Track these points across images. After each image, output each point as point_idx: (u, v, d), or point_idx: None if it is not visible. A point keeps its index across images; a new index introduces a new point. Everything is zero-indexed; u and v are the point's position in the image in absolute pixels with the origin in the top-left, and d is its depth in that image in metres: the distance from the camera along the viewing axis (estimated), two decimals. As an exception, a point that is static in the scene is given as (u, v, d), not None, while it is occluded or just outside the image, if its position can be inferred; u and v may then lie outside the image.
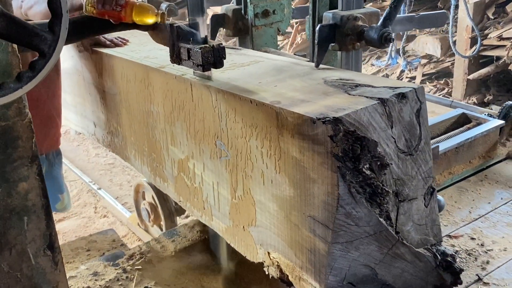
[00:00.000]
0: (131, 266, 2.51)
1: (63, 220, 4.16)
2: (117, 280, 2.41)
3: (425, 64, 6.42)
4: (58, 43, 1.22)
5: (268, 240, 1.68)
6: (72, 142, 5.55)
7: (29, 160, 1.44)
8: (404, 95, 1.45)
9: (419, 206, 1.53)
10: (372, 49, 7.26)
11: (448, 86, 5.94)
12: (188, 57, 1.66)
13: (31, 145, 1.44)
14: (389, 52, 5.34)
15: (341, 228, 1.40)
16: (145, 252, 2.63)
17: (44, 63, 1.21)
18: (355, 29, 1.73)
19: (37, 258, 1.51)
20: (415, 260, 1.53)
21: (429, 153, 1.53)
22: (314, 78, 1.69)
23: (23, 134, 1.42)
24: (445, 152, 2.74)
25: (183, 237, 2.75)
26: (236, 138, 1.67)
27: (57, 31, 1.21)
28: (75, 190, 4.62)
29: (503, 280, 2.09)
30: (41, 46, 1.21)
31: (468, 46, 5.52)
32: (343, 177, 1.34)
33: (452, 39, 4.78)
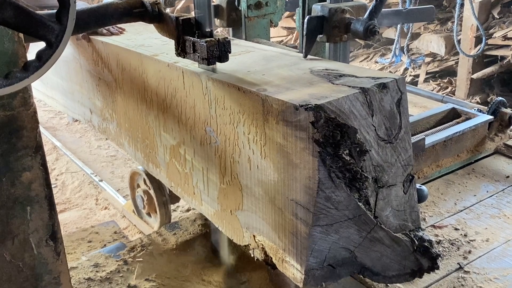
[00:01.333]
0: (132, 258, 2.53)
1: (64, 211, 4.18)
2: (118, 272, 2.43)
3: (429, 62, 6.40)
4: (65, 33, 1.22)
5: (254, 224, 1.74)
6: (74, 134, 5.55)
7: (33, 150, 1.44)
8: (385, 85, 1.51)
9: (398, 193, 1.59)
10: (376, 46, 7.25)
11: (452, 85, 5.92)
12: (193, 50, 1.67)
13: (36, 135, 1.44)
14: (393, 49, 5.31)
15: (321, 212, 1.46)
16: (146, 245, 2.64)
17: (51, 53, 1.21)
18: (342, 21, 1.79)
19: (39, 248, 1.51)
20: (393, 244, 1.59)
21: (409, 142, 1.58)
22: (301, 68, 1.74)
23: (27, 124, 1.42)
24: (433, 145, 2.80)
25: (184, 230, 2.77)
26: (225, 125, 1.73)
27: (64, 22, 1.21)
28: (77, 182, 4.63)
29: (483, 269, 2.15)
30: (48, 36, 1.20)
31: (472, 45, 5.49)
32: (324, 162, 1.40)
33: (457, 37, 4.76)
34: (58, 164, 4.99)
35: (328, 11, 1.79)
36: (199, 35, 1.67)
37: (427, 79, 6.26)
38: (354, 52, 7.41)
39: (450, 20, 6.30)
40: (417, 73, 6.40)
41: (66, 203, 4.31)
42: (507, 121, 3.13)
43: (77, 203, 4.31)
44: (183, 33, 1.69)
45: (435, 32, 6.40)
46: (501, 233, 2.36)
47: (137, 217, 3.75)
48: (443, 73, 6.28)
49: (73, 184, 4.60)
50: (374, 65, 6.90)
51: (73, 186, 4.57)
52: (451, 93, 5.82)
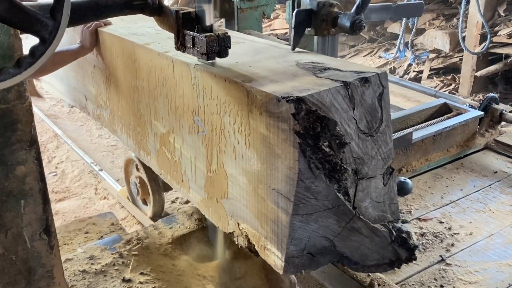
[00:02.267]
0: (128, 252, 2.53)
1: (64, 200, 4.20)
2: (113, 265, 2.43)
3: (433, 58, 6.37)
4: (59, 29, 1.19)
5: (238, 212, 1.78)
6: (75, 122, 5.54)
7: (28, 143, 1.43)
8: (367, 79, 1.54)
9: (377, 185, 1.62)
10: (380, 41, 7.23)
11: (455, 82, 5.91)
12: (193, 45, 1.65)
13: (31, 129, 1.42)
14: (397, 44, 5.30)
15: (301, 201, 1.49)
16: (142, 238, 2.64)
17: (44, 49, 1.19)
18: (330, 15, 1.82)
19: (33, 241, 1.50)
20: (372, 234, 1.63)
21: (390, 136, 1.62)
22: (288, 60, 1.77)
23: (22, 118, 1.40)
24: (423, 139, 2.84)
25: (181, 224, 2.75)
26: (212, 115, 1.77)
27: (58, 17, 1.19)
28: (77, 171, 4.64)
29: (465, 262, 2.20)
30: (41, 32, 1.18)
31: (477, 42, 5.47)
32: (304, 153, 1.43)
33: (462, 34, 4.73)
34: (59, 152, 5.00)
35: (316, 4, 1.82)
36: (199, 29, 1.65)
37: (430, 75, 6.23)
38: (358, 46, 7.40)
39: (456, 17, 6.26)
40: (421, 69, 6.38)
41: (66, 191, 4.33)
42: (498, 117, 3.17)
43: (76, 192, 4.33)
44: (183, 27, 1.67)
45: (440, 28, 6.38)
46: (485, 227, 2.41)
47: (131, 204, 3.81)
48: (447, 69, 6.26)
49: (73, 173, 4.61)
50: (378, 60, 6.89)
51: (73, 175, 4.58)
52: (455, 90, 5.81)
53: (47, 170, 4.68)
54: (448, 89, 5.90)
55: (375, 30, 7.40)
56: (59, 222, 3.82)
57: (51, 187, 4.38)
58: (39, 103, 5.79)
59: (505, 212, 2.51)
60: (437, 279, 2.10)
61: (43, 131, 5.39)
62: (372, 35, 7.38)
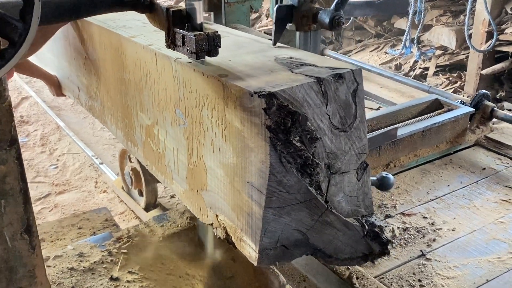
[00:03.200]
0: (117, 249, 2.52)
1: (64, 193, 4.22)
2: (102, 263, 2.43)
3: (439, 55, 6.30)
4: (29, 32, 1.18)
5: (217, 204, 1.82)
6: (78, 114, 5.53)
7: (8, 143, 1.42)
8: (341, 76, 1.56)
9: (351, 179, 1.65)
10: (387, 36, 7.17)
11: (461, 79, 5.85)
12: (183, 43, 1.64)
13: (11, 129, 1.42)
14: (403, 41, 5.24)
15: (273, 194, 1.52)
16: (132, 236, 2.63)
17: (14, 52, 1.18)
18: (310, 11, 1.83)
19: (13, 241, 1.50)
20: (344, 228, 1.66)
21: (364, 131, 1.64)
22: (267, 55, 1.79)
23: (2, 118, 1.39)
24: (411, 135, 2.85)
25: (172, 222, 2.73)
26: (192, 108, 1.80)
27: (28, 20, 1.18)
28: (78, 163, 4.66)
29: (445, 257, 2.22)
30: (11, 35, 1.17)
31: (483, 40, 5.39)
32: (275, 147, 1.46)
33: (468, 32, 4.68)
34: (61, 144, 5.02)
35: (297, 0, 1.84)
36: (189, 27, 1.63)
37: (436, 73, 6.17)
38: (365, 41, 7.35)
39: (463, 13, 6.19)
40: (427, 66, 6.31)
41: (66, 184, 4.35)
42: (489, 114, 3.17)
43: (76, 185, 4.35)
44: (174, 24, 1.66)
45: (447, 25, 6.31)
46: (468, 223, 2.43)
47: (126, 193, 3.86)
48: (453, 67, 6.20)
49: (74, 166, 4.62)
50: (384, 56, 6.82)
51: (73, 167, 4.60)
52: (460, 88, 5.76)
53: (49, 162, 4.72)
54: (453, 86, 5.85)
55: (381, 26, 7.35)
56: (58, 215, 3.86)
57: (51, 179, 4.42)
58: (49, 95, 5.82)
59: (489, 209, 2.53)
60: (416, 273, 2.12)
61: (45, 123, 5.43)
62: (379, 30, 7.33)
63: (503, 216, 2.48)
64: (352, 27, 7.33)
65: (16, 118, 5.59)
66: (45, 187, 4.31)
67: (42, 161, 4.74)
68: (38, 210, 3.93)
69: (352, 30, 7.45)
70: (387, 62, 6.60)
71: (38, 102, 5.73)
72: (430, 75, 6.14)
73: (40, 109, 5.68)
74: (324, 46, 4.42)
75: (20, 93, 6.10)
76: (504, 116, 3.16)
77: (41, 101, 5.71)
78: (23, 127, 5.38)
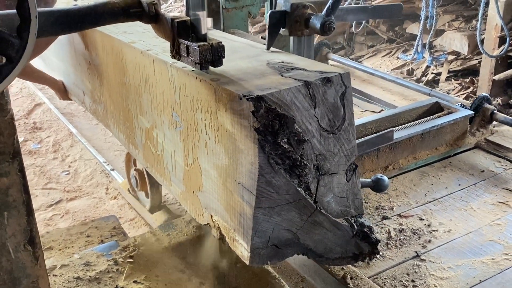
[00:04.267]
0: (123, 259, 2.51)
1: (74, 199, 4.23)
2: (107, 272, 2.42)
3: (451, 60, 6.23)
4: (26, 49, 1.20)
5: (211, 204, 1.87)
6: (90, 121, 5.51)
7: (11, 156, 1.43)
8: (329, 79, 1.60)
9: (340, 180, 1.69)
10: (399, 42, 7.12)
11: (474, 85, 5.76)
12: (187, 53, 1.65)
13: (13, 142, 1.43)
14: (415, 46, 5.20)
15: (263, 195, 1.57)
16: (139, 245, 2.61)
17: (11, 69, 1.20)
18: (302, 17, 1.88)
19: (17, 252, 1.51)
20: (334, 228, 1.70)
21: (353, 133, 1.68)
22: (260, 60, 1.84)
23: (4, 130, 1.40)
24: (410, 137, 2.88)
25: (178, 231, 2.72)
26: (187, 111, 1.85)
27: (25, 37, 1.19)
28: (89, 170, 4.65)
29: (439, 258, 2.24)
30: (8, 51, 1.18)
31: (496, 45, 5.30)
32: (263, 149, 1.51)
33: (480, 37, 4.61)
34: (73, 151, 5.03)
35: (290, 6, 1.89)
36: (194, 38, 1.65)
37: (449, 78, 6.09)
38: (377, 46, 7.31)
39: (475, 18, 6.11)
40: (439, 71, 6.24)
41: (77, 191, 4.36)
42: (489, 117, 3.19)
43: (87, 191, 4.34)
44: (178, 35, 1.67)
45: (459, 30, 6.26)
46: (464, 225, 2.45)
47: (131, 196, 3.92)
48: (466, 72, 6.12)
49: (85, 172, 4.62)
50: (396, 61, 6.76)
51: (85, 174, 4.60)
52: (473, 93, 5.66)
53: (61, 168, 4.75)
54: (466, 92, 5.76)
55: (393, 31, 7.33)
56: (69, 221, 3.89)
57: (63, 185, 4.44)
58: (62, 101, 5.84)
59: (486, 211, 2.54)
60: (410, 274, 2.14)
61: (58, 129, 5.45)
62: (391, 35, 7.30)
63: (500, 218, 2.49)
64: (364, 32, 7.31)
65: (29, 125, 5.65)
66: (57, 193, 4.33)
67: (54, 167, 4.78)
68: (49, 216, 3.96)
69: (364, 35, 7.43)
70: (399, 67, 6.55)
71: (51, 108, 5.79)
72: (443, 80, 6.07)
73: (53, 115, 5.73)
74: (327, 50, 4.47)
75: (33, 100, 6.17)
76: (504, 119, 3.17)
77: (54, 107, 5.75)
78: (36, 133, 5.42)
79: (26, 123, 5.62)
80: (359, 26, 5.79)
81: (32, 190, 2.81)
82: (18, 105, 5.99)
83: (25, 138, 5.25)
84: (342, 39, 7.54)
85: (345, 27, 7.41)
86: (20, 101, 6.15)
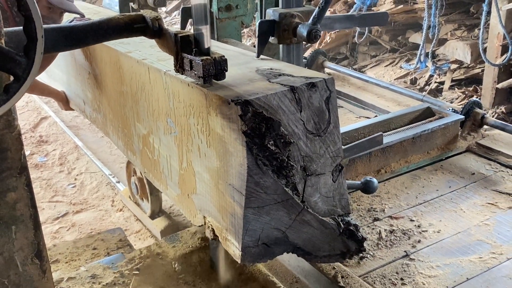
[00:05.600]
0: (129, 271, 2.53)
1: (80, 212, 4.27)
2: (114, 285, 2.44)
3: (454, 69, 6.26)
4: (33, 67, 1.23)
5: (205, 206, 1.94)
6: (96, 133, 5.54)
7: (18, 171, 1.46)
8: (314, 84, 1.68)
9: (326, 181, 1.76)
10: (402, 51, 7.14)
11: (477, 93, 5.78)
12: (191, 67, 1.68)
13: (20, 157, 1.45)
14: (418, 55, 5.24)
15: (252, 195, 1.64)
16: (144, 257, 2.63)
17: (18, 87, 1.23)
18: (290, 25, 1.97)
19: (24, 266, 1.53)
20: (321, 227, 1.77)
21: (338, 136, 1.76)
22: (250, 67, 1.93)
23: (12, 146, 1.43)
24: (402, 141, 2.95)
25: (184, 243, 2.74)
26: (180, 117, 1.93)
27: (31, 56, 1.22)
28: (95, 182, 4.69)
29: (428, 257, 2.31)
30: (15, 70, 1.21)
31: (498, 54, 5.33)
32: (251, 150, 1.58)
33: (483, 46, 4.66)
34: (78, 163, 5.07)
35: (278, 15, 1.98)
36: (197, 52, 1.68)
37: (452, 87, 6.12)
38: (380, 56, 7.32)
39: (477, 27, 6.07)
40: (442, 80, 6.26)
41: (83, 203, 4.40)
42: (480, 121, 3.26)
43: (93, 204, 4.38)
44: (181, 49, 1.70)
45: (462, 39, 6.29)
46: (453, 225, 2.51)
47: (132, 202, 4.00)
48: (469, 81, 6.14)
49: (91, 185, 4.65)
50: (399, 70, 6.78)
51: (91, 186, 4.64)
52: None
53: (67, 181, 4.80)
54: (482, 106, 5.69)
55: (396, 40, 7.37)
56: (75, 234, 3.93)
57: (69, 198, 4.48)
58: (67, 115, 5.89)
59: (475, 212, 2.61)
60: (399, 272, 2.21)
61: (64, 142, 5.50)
62: (394, 45, 7.34)
63: (488, 218, 2.56)
64: (367, 42, 7.35)
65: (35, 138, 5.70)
66: (63, 206, 4.37)
67: (60, 180, 4.82)
68: (56, 229, 4.00)
69: (367, 45, 7.46)
70: (402, 77, 6.56)
71: (57, 121, 5.84)
72: (446, 89, 6.09)
73: (59, 128, 5.78)
74: (323, 59, 4.55)
75: (39, 113, 6.23)
76: (495, 123, 3.25)
77: (60, 120, 5.81)
78: (42, 146, 5.47)
79: (32, 136, 5.69)
80: (361, 36, 5.84)
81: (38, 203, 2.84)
82: (24, 118, 6.06)
83: (31, 151, 5.32)
84: (345, 49, 7.59)
85: (348, 38, 7.47)
86: (26, 114, 6.23)
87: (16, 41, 1.40)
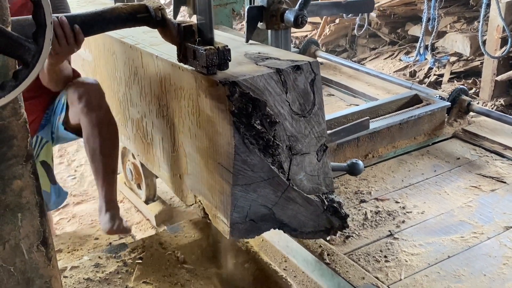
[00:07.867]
0: (132, 260, 2.56)
1: (81, 203, 4.25)
2: (117, 273, 2.46)
3: (454, 62, 6.23)
4: (41, 54, 1.24)
5: (195, 186, 2.02)
6: None
7: (24, 158, 1.46)
8: (299, 67, 1.76)
9: (311, 160, 1.84)
10: (401, 44, 7.13)
11: (476, 86, 5.80)
12: (194, 57, 1.69)
13: (26, 144, 1.46)
14: (417, 48, 5.25)
15: (239, 173, 1.72)
16: (147, 246, 2.66)
17: (27, 73, 1.24)
18: (278, 11, 2.04)
19: (30, 253, 1.54)
20: (306, 204, 1.85)
21: (323, 117, 1.83)
22: (239, 51, 2.00)
23: (18, 134, 1.43)
24: (389, 127, 3.04)
25: (186, 233, 2.77)
26: (172, 99, 2.01)
27: (40, 42, 1.23)
28: None
29: (411, 236, 2.40)
30: (24, 56, 1.23)
31: (498, 46, 5.31)
32: (238, 130, 1.66)
33: (482, 38, 4.67)
34: (78, 155, 5.01)
35: (266, 1, 2.05)
36: (200, 42, 1.69)
37: (451, 79, 6.10)
38: (379, 49, 7.28)
39: (477, 20, 6.11)
40: (441, 73, 6.24)
41: (83, 195, 4.38)
42: (466, 108, 3.34)
43: (94, 195, 4.32)
44: (185, 39, 1.72)
45: (461, 31, 6.29)
46: (437, 207, 2.60)
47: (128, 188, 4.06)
48: (468, 73, 6.13)
49: (91, 176, 4.45)
50: (399, 63, 6.75)
51: (91, 178, 4.48)
52: (475, 94, 5.69)
53: (67, 173, 4.83)
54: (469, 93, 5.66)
55: (396, 33, 7.37)
56: (75, 226, 3.95)
57: (69, 190, 4.49)
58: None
59: (459, 194, 2.69)
60: (383, 250, 2.30)
61: None
62: (393, 37, 7.33)
63: (471, 200, 2.65)
64: (366, 34, 7.31)
65: (34, 131, 5.66)
66: None
67: (60, 172, 4.80)
68: (56, 220, 4.01)
69: (366, 38, 7.44)
70: (402, 69, 6.57)
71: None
72: (445, 81, 6.09)
73: (58, 120, 5.81)
74: (316, 48, 4.62)
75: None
76: (480, 110, 3.34)
77: (59, 112, 5.84)
78: (41, 138, 5.51)
79: (32, 129, 5.68)
80: (361, 28, 5.86)
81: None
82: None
83: (30, 143, 5.32)
84: (345, 41, 7.61)
85: (348, 30, 7.49)
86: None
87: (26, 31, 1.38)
